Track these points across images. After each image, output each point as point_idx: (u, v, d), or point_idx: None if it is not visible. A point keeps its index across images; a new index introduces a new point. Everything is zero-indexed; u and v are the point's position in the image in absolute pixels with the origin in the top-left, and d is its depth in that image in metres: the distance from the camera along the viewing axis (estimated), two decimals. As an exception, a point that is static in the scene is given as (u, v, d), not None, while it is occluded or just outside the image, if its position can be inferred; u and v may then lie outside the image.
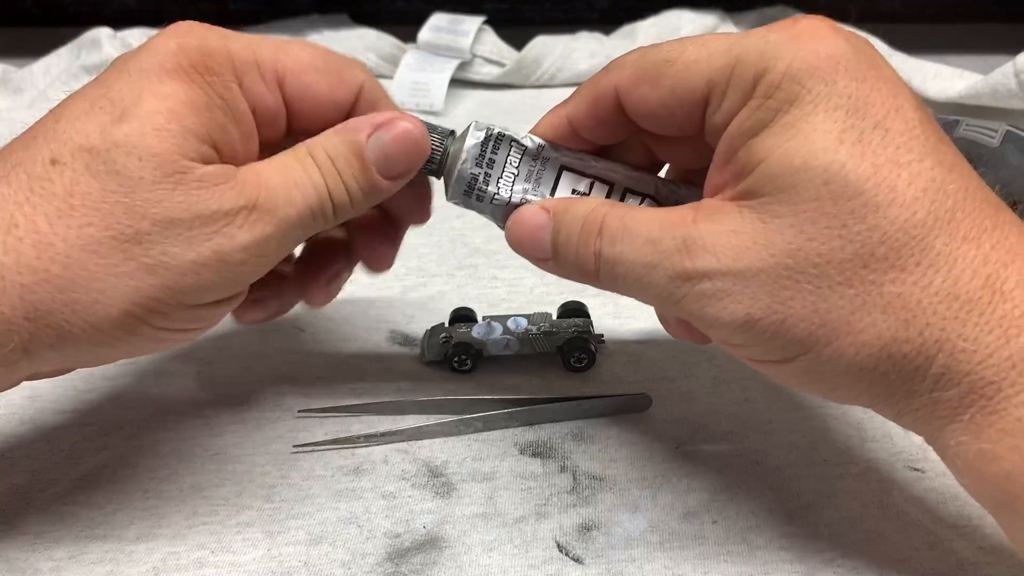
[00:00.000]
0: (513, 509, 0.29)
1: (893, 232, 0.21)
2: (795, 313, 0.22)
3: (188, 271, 0.24)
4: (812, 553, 0.27)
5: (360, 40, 0.67)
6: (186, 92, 0.25)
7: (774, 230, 0.22)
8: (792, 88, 0.23)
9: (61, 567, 0.27)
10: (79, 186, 0.23)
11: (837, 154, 0.22)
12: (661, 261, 0.24)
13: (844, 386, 0.23)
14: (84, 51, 0.60)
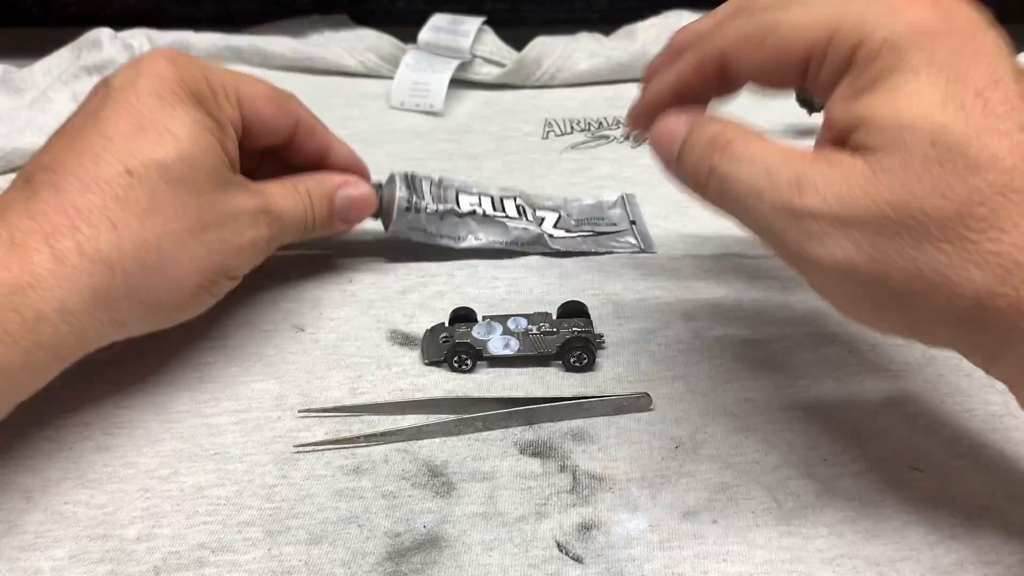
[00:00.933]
0: (513, 509, 0.29)
1: (992, 195, 0.22)
2: (893, 264, 0.22)
3: (235, 252, 0.33)
4: (812, 553, 0.28)
5: (360, 40, 0.67)
6: (203, 116, 0.31)
7: (882, 182, 0.22)
8: (891, 57, 0.23)
9: (62, 567, 0.27)
10: (157, 192, 0.29)
11: (943, 116, 0.22)
12: (771, 191, 0.24)
13: (935, 334, 0.24)
14: (84, 51, 0.60)
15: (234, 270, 0.33)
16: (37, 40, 0.64)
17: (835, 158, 0.24)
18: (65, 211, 0.28)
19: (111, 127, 0.29)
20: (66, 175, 0.28)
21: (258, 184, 0.34)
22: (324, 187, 0.38)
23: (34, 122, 0.53)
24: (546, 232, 0.43)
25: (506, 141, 0.57)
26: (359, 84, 0.66)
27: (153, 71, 0.31)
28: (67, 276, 0.27)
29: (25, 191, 0.29)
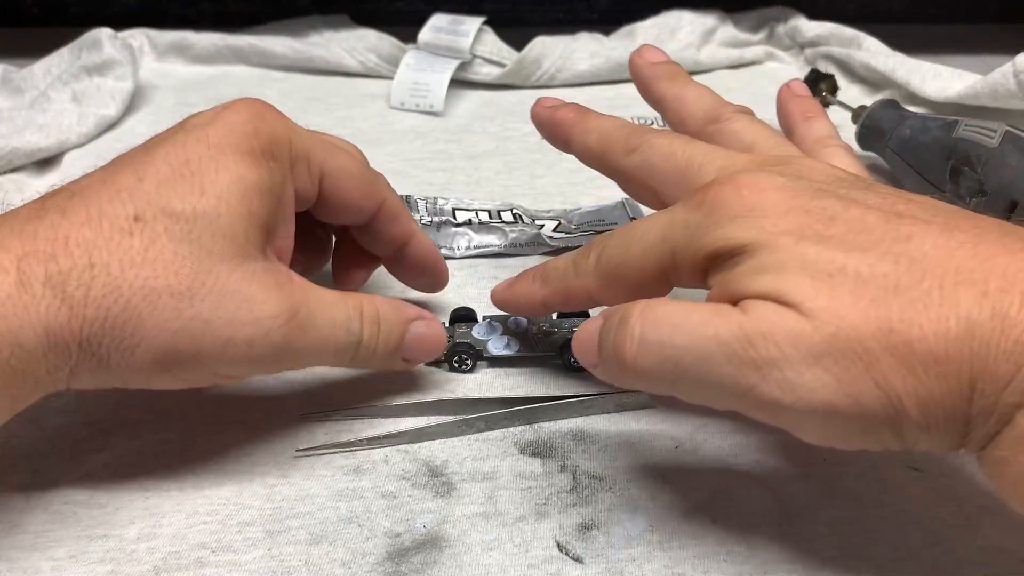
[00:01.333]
0: (513, 509, 0.29)
1: (893, 299, 0.22)
2: (863, 390, 0.22)
3: (218, 342, 0.27)
4: (812, 553, 0.28)
5: (360, 40, 0.67)
6: (255, 175, 0.28)
7: (810, 316, 0.23)
8: (731, 245, 0.25)
9: (62, 566, 0.27)
10: (155, 244, 0.26)
11: (806, 254, 0.24)
12: (723, 351, 0.24)
13: (918, 442, 0.23)
14: (84, 51, 0.61)
15: (212, 364, 0.27)
16: (37, 40, 0.64)
17: (760, 307, 0.24)
18: (54, 239, 0.26)
19: (150, 168, 0.28)
20: (78, 204, 0.27)
21: (298, 281, 0.29)
22: (400, 315, 0.32)
23: (34, 122, 0.53)
24: (545, 234, 0.44)
25: (506, 141, 0.57)
26: (359, 84, 0.66)
27: (229, 119, 0.29)
28: (25, 305, 0.25)
29: (36, 208, 0.27)
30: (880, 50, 0.64)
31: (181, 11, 0.76)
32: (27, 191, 0.50)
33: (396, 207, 0.35)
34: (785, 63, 0.70)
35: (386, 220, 0.34)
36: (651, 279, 0.28)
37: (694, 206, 0.26)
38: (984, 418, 0.22)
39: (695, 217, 0.26)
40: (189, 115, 0.30)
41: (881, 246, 0.23)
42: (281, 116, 0.31)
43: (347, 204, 0.33)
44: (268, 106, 0.31)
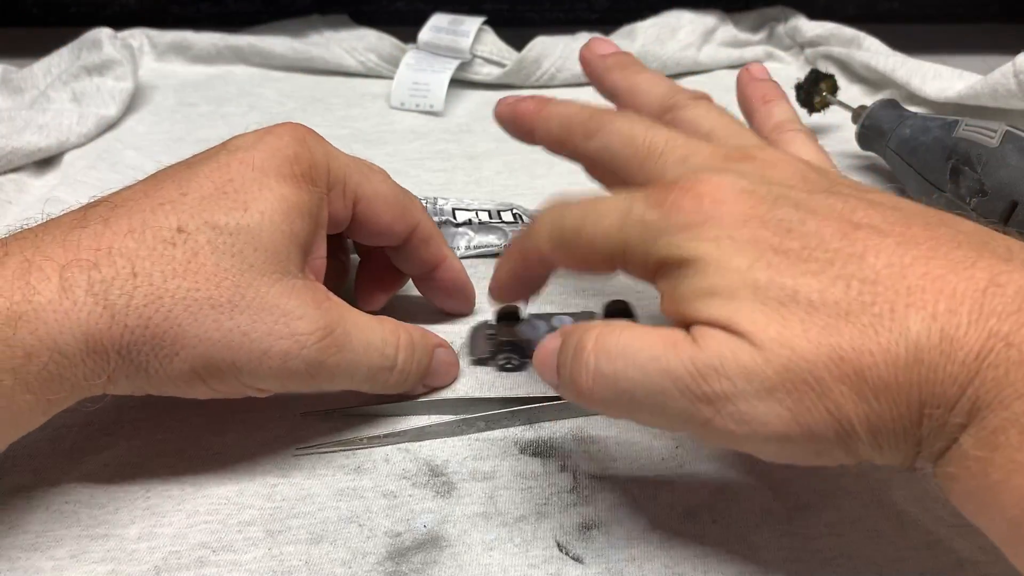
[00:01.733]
0: (513, 508, 0.29)
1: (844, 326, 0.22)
2: (815, 418, 0.23)
3: (255, 355, 0.27)
4: (812, 553, 0.28)
5: (360, 40, 0.67)
6: (296, 196, 0.29)
7: (760, 347, 0.23)
8: (681, 256, 0.25)
9: (63, 566, 0.27)
10: (198, 256, 0.27)
11: (757, 277, 0.23)
12: (676, 385, 0.24)
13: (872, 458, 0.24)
14: (84, 51, 0.61)
15: (246, 376, 0.28)
16: (37, 40, 0.64)
17: (712, 337, 0.24)
18: (97, 248, 0.26)
19: (194, 184, 0.28)
20: (121, 215, 0.27)
21: (336, 301, 0.30)
22: (427, 341, 0.33)
23: (34, 122, 0.53)
24: None
25: (506, 141, 0.56)
26: (359, 84, 0.66)
27: (272, 143, 0.30)
28: (66, 311, 0.25)
29: (77, 217, 0.27)
30: (880, 50, 0.64)
31: (181, 11, 0.76)
32: (27, 191, 0.50)
33: (429, 231, 0.35)
34: (785, 63, 0.70)
35: (419, 243, 0.35)
36: (600, 262, 0.28)
37: (653, 204, 0.26)
38: (933, 438, 0.22)
39: (652, 216, 0.26)
40: (231, 137, 0.31)
41: (833, 267, 0.23)
42: (321, 141, 0.32)
43: (380, 228, 0.33)
44: (309, 131, 0.31)
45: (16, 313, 0.25)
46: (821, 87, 0.55)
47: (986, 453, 0.21)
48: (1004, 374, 0.21)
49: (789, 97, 0.56)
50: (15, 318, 0.25)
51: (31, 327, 0.25)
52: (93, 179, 0.51)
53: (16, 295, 0.25)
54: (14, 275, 0.25)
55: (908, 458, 0.24)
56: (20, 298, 0.25)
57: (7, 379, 0.25)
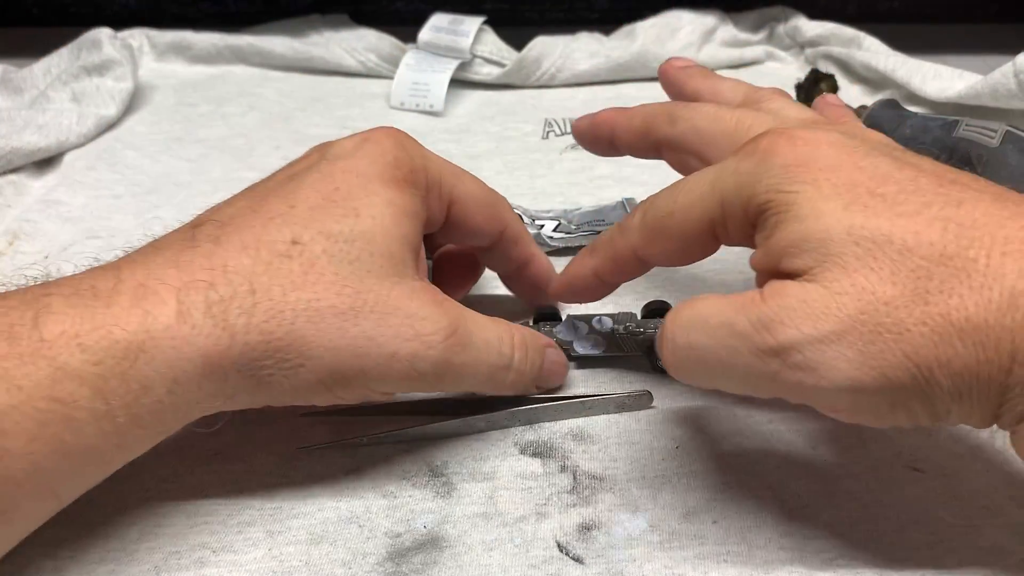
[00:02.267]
0: (513, 509, 0.29)
1: (935, 268, 0.22)
2: (889, 362, 0.22)
3: (383, 358, 0.27)
4: (812, 553, 0.28)
5: (360, 40, 0.67)
6: (402, 200, 0.29)
7: (838, 293, 0.23)
8: (780, 199, 0.24)
9: (62, 567, 0.27)
10: (315, 266, 0.27)
11: (852, 219, 0.23)
12: (742, 343, 0.24)
13: (948, 414, 0.23)
14: (84, 51, 0.61)
15: (374, 381, 0.27)
16: (37, 40, 0.64)
17: (782, 289, 0.24)
18: (211, 267, 0.26)
19: (301, 196, 0.28)
20: (231, 232, 0.27)
21: (451, 301, 0.29)
22: (539, 341, 0.33)
23: (34, 122, 0.53)
24: (545, 235, 0.43)
25: (506, 141, 0.57)
26: (359, 84, 0.66)
27: (373, 149, 0.29)
28: (184, 336, 0.24)
29: (186, 238, 0.27)
30: (880, 50, 0.64)
31: (181, 11, 0.76)
32: (26, 192, 0.50)
33: (518, 230, 0.35)
34: (785, 63, 0.70)
35: (509, 243, 0.35)
36: (698, 232, 0.27)
37: (746, 154, 0.26)
38: (1021, 389, 0.22)
39: (746, 165, 0.26)
40: (327, 144, 0.31)
41: (931, 210, 0.23)
42: (416, 144, 0.31)
43: (473, 229, 0.33)
44: (404, 134, 0.31)
45: (135, 344, 0.24)
46: (821, 87, 0.55)
47: None
48: None
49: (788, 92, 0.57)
50: (134, 350, 0.24)
51: (148, 357, 0.24)
52: (93, 179, 0.51)
53: (132, 324, 0.24)
54: (130, 303, 0.25)
55: (990, 411, 0.23)
56: (136, 327, 0.24)
57: (121, 416, 0.24)
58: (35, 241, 0.45)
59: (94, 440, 0.24)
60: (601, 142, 0.36)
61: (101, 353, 0.24)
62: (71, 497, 0.26)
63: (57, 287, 0.25)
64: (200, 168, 0.53)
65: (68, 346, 0.23)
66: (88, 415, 0.23)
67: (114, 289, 0.25)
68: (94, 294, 0.25)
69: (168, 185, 0.51)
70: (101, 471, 0.26)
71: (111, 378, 0.24)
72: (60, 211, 0.48)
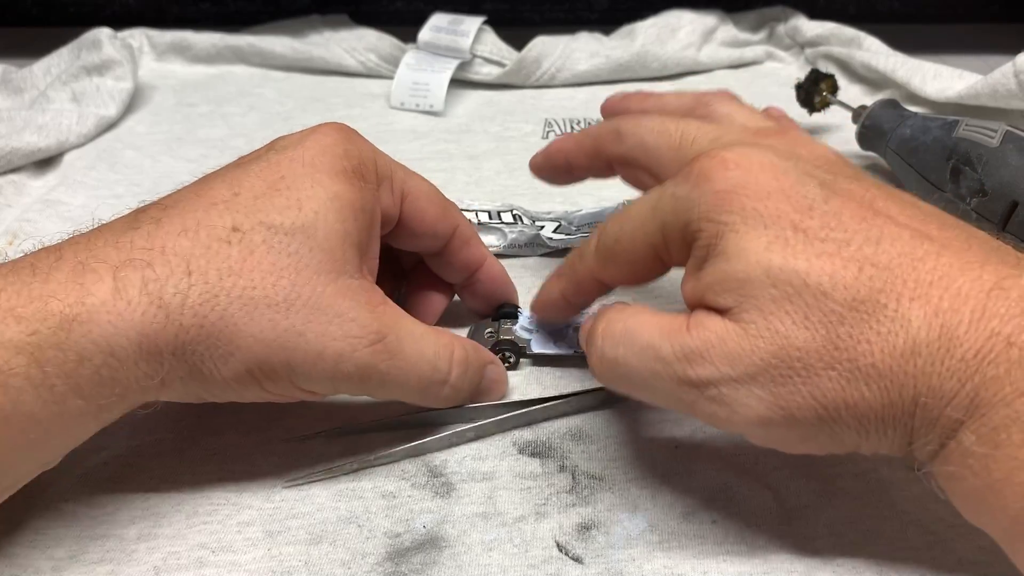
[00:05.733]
0: (512, 509, 0.29)
1: (847, 313, 0.23)
2: (798, 404, 0.23)
3: (310, 355, 0.27)
4: (812, 553, 0.28)
5: (360, 40, 0.67)
6: (350, 194, 0.29)
7: (754, 335, 0.24)
8: (710, 227, 0.25)
9: (62, 566, 0.27)
10: (253, 255, 0.26)
11: (771, 260, 0.24)
12: (664, 368, 0.25)
13: (858, 447, 0.25)
14: (84, 51, 0.61)
15: (300, 377, 0.27)
16: (37, 40, 0.64)
17: (706, 323, 0.25)
18: (150, 248, 0.26)
19: (245, 183, 0.28)
20: (174, 215, 0.27)
21: (392, 307, 0.29)
22: (482, 356, 0.32)
23: (33, 122, 0.53)
24: (545, 235, 0.43)
25: (506, 141, 0.57)
26: (359, 84, 0.66)
27: (320, 141, 0.30)
28: (119, 312, 0.25)
29: (130, 220, 0.27)
30: (880, 50, 0.64)
31: (181, 11, 0.76)
32: (26, 192, 0.50)
33: (468, 232, 0.35)
34: (785, 63, 0.70)
35: (460, 245, 0.35)
36: (643, 258, 0.28)
37: (683, 178, 0.27)
38: (927, 429, 0.23)
39: (682, 190, 0.26)
40: (277, 138, 0.31)
41: (849, 248, 0.24)
42: (365, 140, 0.31)
43: (425, 227, 0.33)
44: (352, 130, 0.31)
45: (69, 316, 0.24)
46: (821, 87, 0.55)
47: (988, 450, 0.22)
48: (1005, 372, 0.21)
49: (790, 97, 0.57)
50: (68, 321, 0.24)
51: (84, 329, 0.24)
52: (93, 179, 0.51)
53: (70, 298, 0.24)
54: (67, 278, 0.25)
55: (899, 448, 0.24)
56: (73, 300, 0.24)
57: (59, 384, 0.24)
58: (35, 241, 0.45)
59: (32, 407, 0.24)
60: (559, 171, 0.37)
61: (36, 324, 0.24)
62: (15, 472, 0.26)
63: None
64: (200, 168, 0.53)
65: (3, 318, 0.24)
66: (24, 382, 0.24)
67: (53, 267, 0.25)
68: (32, 271, 0.25)
69: (168, 185, 0.50)
70: (44, 443, 0.26)
71: (47, 348, 0.24)
72: (60, 211, 0.48)
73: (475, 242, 0.35)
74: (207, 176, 0.30)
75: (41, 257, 0.26)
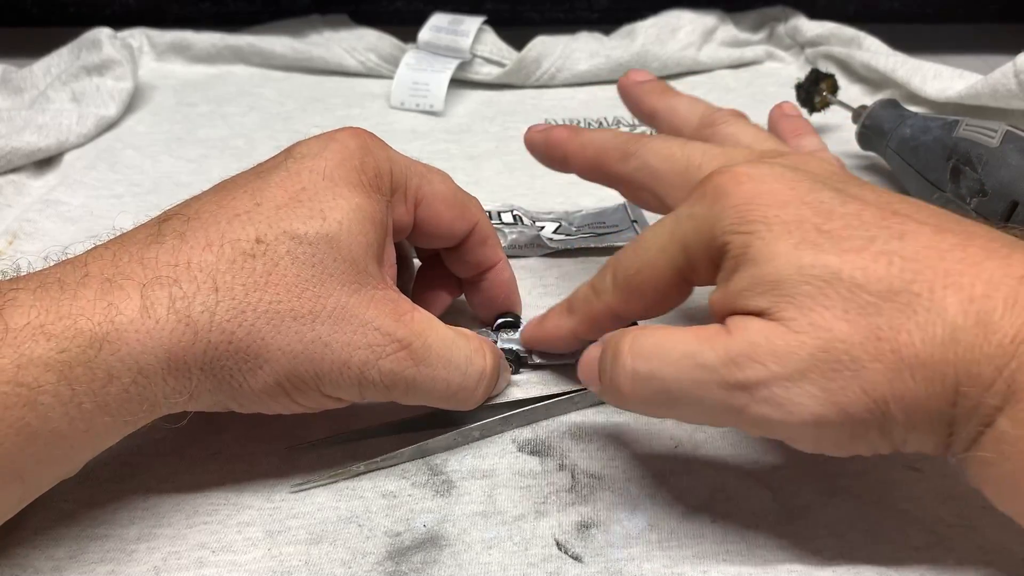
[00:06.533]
0: (512, 507, 0.29)
1: (884, 304, 0.23)
2: (850, 399, 0.23)
3: (336, 366, 0.27)
4: (811, 553, 0.28)
5: (360, 40, 0.67)
6: (369, 206, 0.29)
7: (797, 331, 0.23)
8: (737, 239, 0.25)
9: (62, 566, 0.27)
10: (278, 267, 0.27)
11: (801, 259, 0.24)
12: (709, 375, 0.24)
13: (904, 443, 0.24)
14: (84, 51, 0.61)
15: (327, 386, 0.27)
16: (37, 40, 0.64)
17: (747, 324, 0.24)
18: (176, 263, 0.26)
19: (267, 193, 0.28)
20: (196, 228, 0.27)
21: (420, 315, 0.29)
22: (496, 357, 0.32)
23: (33, 122, 0.53)
24: (545, 236, 0.43)
25: (506, 141, 0.57)
26: (359, 84, 0.66)
27: (339, 149, 0.29)
28: (148, 330, 0.25)
29: (152, 233, 0.27)
30: (880, 50, 0.64)
31: (181, 11, 0.76)
32: (26, 192, 0.50)
33: (486, 231, 0.35)
34: (785, 63, 0.70)
35: (476, 243, 0.35)
36: (668, 282, 0.28)
37: (698, 198, 0.27)
38: (967, 419, 0.23)
39: (700, 209, 0.27)
40: (294, 144, 0.30)
41: (876, 244, 0.24)
42: (382, 145, 0.31)
43: (440, 228, 0.33)
44: (370, 135, 0.31)
45: (99, 335, 0.24)
46: (821, 87, 0.55)
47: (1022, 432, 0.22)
48: None
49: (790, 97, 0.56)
50: (98, 340, 0.24)
51: (113, 348, 0.24)
52: (93, 179, 0.51)
53: (98, 316, 0.24)
54: (96, 296, 0.25)
55: (941, 440, 0.24)
56: (102, 319, 0.24)
57: (87, 402, 0.24)
58: (35, 241, 0.45)
59: (60, 424, 0.24)
60: (552, 161, 0.37)
61: (66, 342, 0.24)
62: (38, 484, 0.26)
63: (25, 281, 0.25)
64: (200, 168, 0.53)
65: (33, 335, 0.24)
66: (53, 400, 0.24)
67: (80, 283, 0.25)
68: (61, 287, 0.25)
69: (168, 185, 0.51)
70: (68, 457, 0.26)
71: (76, 366, 0.24)
72: (60, 211, 0.48)
73: (492, 243, 0.35)
74: (226, 183, 0.29)
75: (68, 272, 0.26)
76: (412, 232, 0.33)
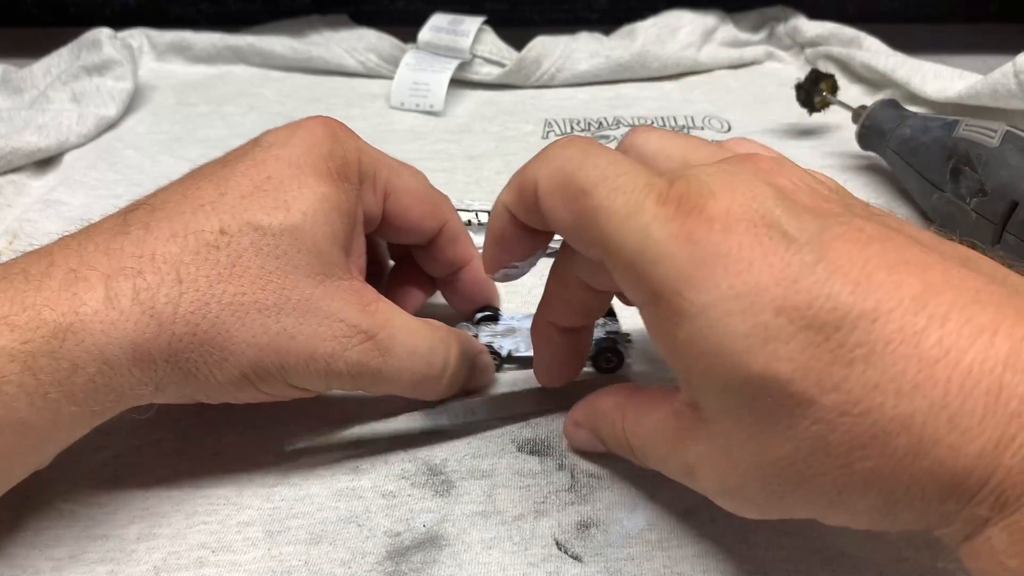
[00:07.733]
0: (512, 507, 0.29)
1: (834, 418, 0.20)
2: (794, 510, 0.23)
3: (301, 357, 0.27)
4: (811, 553, 0.28)
5: (360, 40, 0.67)
6: (335, 196, 0.29)
7: (736, 447, 0.22)
8: (676, 303, 0.22)
9: (61, 566, 0.27)
10: (242, 259, 0.26)
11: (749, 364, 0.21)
12: (674, 473, 0.26)
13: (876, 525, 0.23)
14: (84, 51, 0.61)
15: (293, 377, 0.27)
16: (37, 40, 0.64)
17: (696, 431, 0.24)
18: (140, 254, 0.26)
19: (232, 183, 0.28)
20: (161, 218, 0.27)
21: (385, 306, 0.29)
22: (472, 346, 0.33)
23: (33, 122, 0.53)
24: None
25: (506, 141, 0.57)
26: (359, 84, 0.66)
27: (307, 137, 0.29)
28: (112, 321, 0.25)
29: (118, 223, 0.27)
30: (880, 50, 0.64)
31: (181, 11, 0.76)
32: (26, 192, 0.50)
33: (457, 229, 0.35)
34: (785, 63, 0.70)
35: (446, 242, 0.34)
36: None
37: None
38: (951, 523, 0.22)
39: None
40: (262, 133, 0.30)
41: None
42: (351, 135, 0.31)
43: (409, 224, 0.33)
44: (339, 124, 0.31)
45: (63, 326, 0.24)
46: (821, 87, 0.55)
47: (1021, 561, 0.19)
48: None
49: (790, 97, 0.56)
50: (62, 330, 0.24)
51: (77, 339, 0.24)
52: (93, 179, 0.51)
53: (63, 307, 0.24)
54: (60, 286, 0.25)
55: (929, 527, 0.22)
56: (66, 309, 0.24)
57: (53, 392, 0.24)
58: (35, 241, 0.45)
59: (26, 414, 0.24)
60: None
61: (30, 332, 0.24)
62: (9, 475, 0.26)
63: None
64: (200, 168, 0.53)
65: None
66: (18, 389, 0.24)
67: (45, 273, 0.25)
68: (25, 278, 0.25)
69: (168, 185, 0.51)
70: (36, 448, 0.26)
71: (40, 356, 0.24)
72: (60, 211, 0.48)
73: (463, 240, 0.35)
74: (194, 173, 0.29)
75: (33, 262, 0.26)
76: (381, 225, 0.33)
